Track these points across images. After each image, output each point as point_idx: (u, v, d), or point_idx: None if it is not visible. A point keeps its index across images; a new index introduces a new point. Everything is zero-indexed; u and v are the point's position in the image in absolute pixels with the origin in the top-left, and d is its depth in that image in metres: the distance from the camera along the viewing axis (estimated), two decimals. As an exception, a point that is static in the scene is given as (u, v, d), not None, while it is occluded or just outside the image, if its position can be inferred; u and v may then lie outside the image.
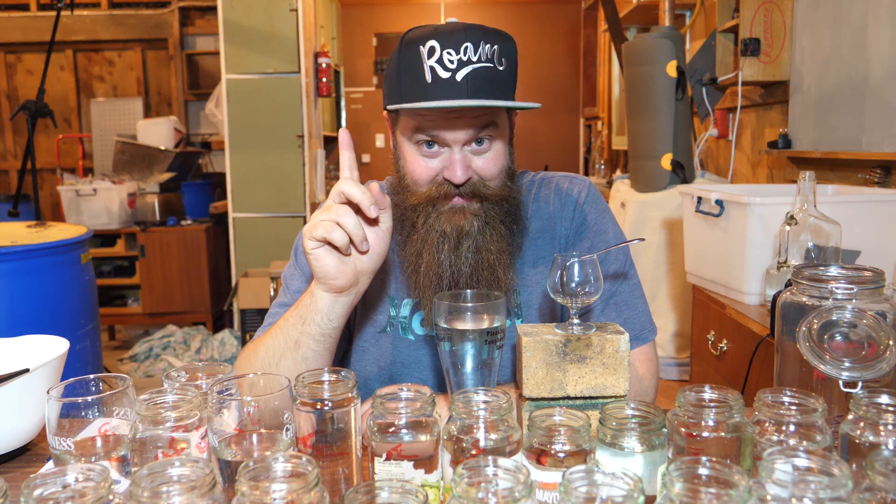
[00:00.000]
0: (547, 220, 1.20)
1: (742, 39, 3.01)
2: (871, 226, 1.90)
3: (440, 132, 1.05)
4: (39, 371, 0.96)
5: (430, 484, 0.75)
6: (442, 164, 1.07)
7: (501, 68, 1.04)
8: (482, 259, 1.08)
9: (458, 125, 1.04)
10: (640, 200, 3.45)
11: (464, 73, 1.00)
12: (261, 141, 4.19)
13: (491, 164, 1.08)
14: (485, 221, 1.08)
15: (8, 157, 6.37)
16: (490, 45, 1.02)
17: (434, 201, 1.08)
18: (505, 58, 1.04)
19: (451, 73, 1.00)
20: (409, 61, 1.02)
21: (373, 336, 1.19)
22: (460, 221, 1.07)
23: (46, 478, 0.61)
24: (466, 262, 1.07)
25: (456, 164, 1.05)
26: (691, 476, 0.59)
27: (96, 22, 6.10)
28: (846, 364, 0.83)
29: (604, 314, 1.15)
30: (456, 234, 1.07)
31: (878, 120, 2.34)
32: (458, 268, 1.08)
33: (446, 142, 1.05)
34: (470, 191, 1.07)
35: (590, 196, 1.20)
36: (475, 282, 1.08)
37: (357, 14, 6.69)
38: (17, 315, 2.26)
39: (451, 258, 1.07)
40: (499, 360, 0.93)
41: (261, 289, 4.01)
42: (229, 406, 0.76)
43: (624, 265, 1.18)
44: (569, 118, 6.88)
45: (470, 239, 1.07)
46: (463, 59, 1.00)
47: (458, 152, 1.05)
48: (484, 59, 1.01)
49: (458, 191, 1.06)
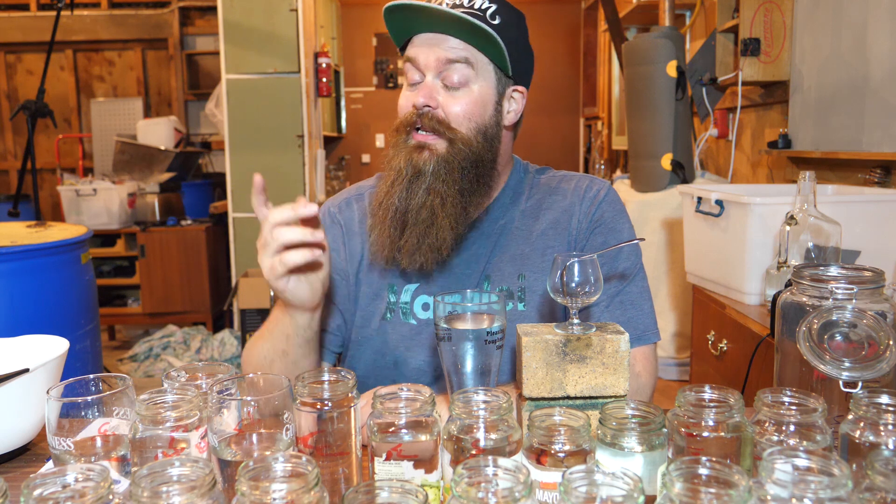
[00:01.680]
0: (562, 213, 1.21)
1: (742, 39, 3.01)
2: (871, 226, 1.90)
3: (416, 55, 1.10)
4: (39, 371, 0.96)
5: (430, 484, 0.75)
6: (415, 98, 1.10)
7: (494, 22, 1.08)
8: (429, 201, 1.09)
9: (431, 48, 1.09)
10: (640, 200, 3.45)
11: (451, 3, 1.07)
12: (261, 141, 4.19)
13: (458, 103, 1.10)
14: (442, 164, 1.09)
15: (8, 157, 6.37)
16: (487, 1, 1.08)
17: (403, 133, 1.12)
18: (502, 18, 1.09)
19: (440, 3, 1.07)
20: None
21: (375, 324, 1.20)
22: (417, 158, 1.10)
23: (46, 478, 0.61)
24: (414, 200, 1.10)
25: (421, 88, 1.09)
26: (691, 476, 0.59)
27: (96, 22, 6.11)
28: (846, 364, 0.83)
29: (608, 311, 1.15)
30: (411, 171, 1.10)
31: (878, 120, 2.34)
32: (406, 203, 1.10)
33: (419, 66, 1.10)
34: (431, 125, 1.09)
35: (609, 195, 1.22)
36: (416, 220, 1.10)
37: (357, 14, 6.69)
38: (17, 315, 2.26)
39: (403, 194, 1.10)
40: (499, 361, 0.93)
41: (261, 289, 4.01)
42: (229, 406, 0.76)
43: (636, 265, 1.18)
44: (569, 118, 6.88)
45: (423, 177, 1.09)
46: (456, 2, 1.08)
47: (431, 79, 1.10)
48: (476, 7, 1.08)
49: (420, 121, 1.10)
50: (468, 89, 1.10)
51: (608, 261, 1.16)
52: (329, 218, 1.25)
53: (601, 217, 1.19)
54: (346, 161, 6.69)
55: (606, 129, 5.89)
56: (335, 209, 1.26)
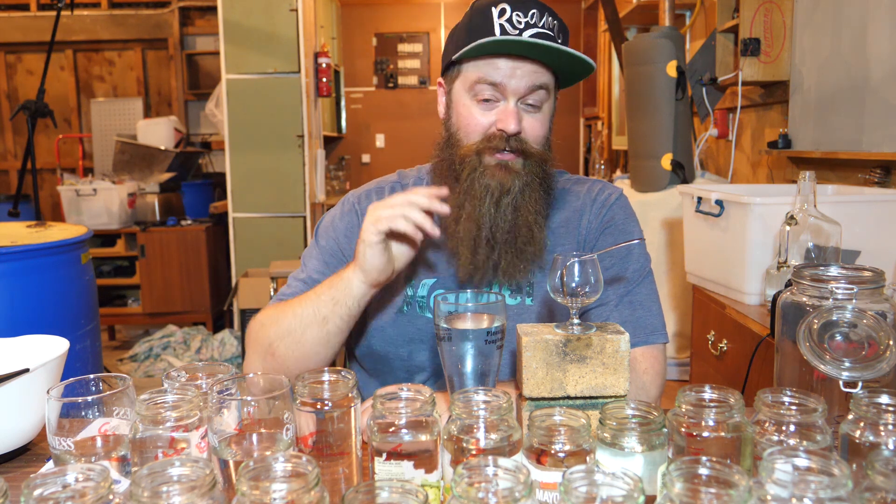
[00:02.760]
0: (573, 212, 1.23)
1: (742, 39, 3.01)
2: (871, 226, 1.90)
3: (503, 80, 1.11)
4: (39, 371, 0.96)
5: (430, 484, 0.75)
6: (496, 117, 1.12)
7: (559, 41, 1.12)
8: (520, 217, 1.13)
9: (519, 76, 1.10)
10: (640, 200, 3.45)
11: (530, 33, 1.09)
12: (261, 141, 4.19)
13: (538, 124, 1.14)
14: (525, 182, 1.13)
15: (8, 157, 6.37)
16: (552, 19, 1.12)
17: (482, 153, 1.13)
18: (563, 35, 1.14)
19: (518, 32, 1.09)
20: (480, 20, 1.11)
21: (390, 316, 1.23)
22: (504, 178, 1.12)
23: (46, 478, 0.61)
24: (505, 219, 1.13)
25: (511, 113, 1.11)
26: (691, 476, 0.59)
27: (96, 22, 6.10)
28: (846, 364, 0.83)
29: (617, 310, 1.16)
30: (499, 190, 1.12)
31: (878, 120, 2.34)
32: (496, 222, 1.13)
33: (506, 91, 1.11)
34: (517, 146, 1.12)
35: (621, 200, 1.25)
36: (513, 237, 1.13)
37: (357, 14, 6.68)
38: (17, 315, 2.26)
39: (492, 211, 1.13)
40: (499, 361, 0.93)
41: (261, 289, 4.01)
42: (229, 406, 0.76)
43: (644, 268, 1.20)
44: (569, 118, 6.87)
45: (510, 196, 1.13)
46: (530, 21, 1.09)
47: (514, 104, 1.12)
48: (547, 27, 1.11)
49: (507, 144, 1.12)
50: (543, 109, 1.15)
51: (618, 261, 1.18)
52: (349, 206, 1.29)
53: (612, 219, 1.22)
54: (346, 161, 6.69)
55: (606, 129, 5.89)
56: (355, 199, 1.30)
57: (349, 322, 1.12)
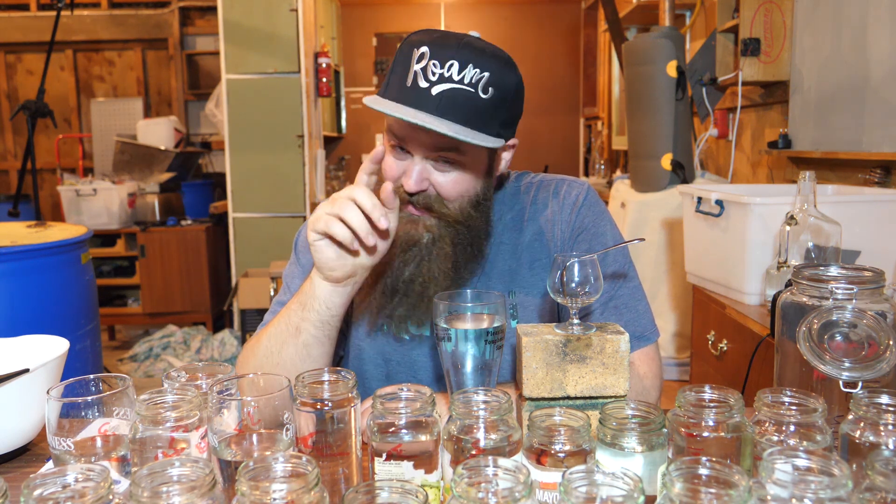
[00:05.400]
0: (545, 223, 1.19)
1: (742, 39, 3.01)
2: (871, 226, 1.90)
3: (404, 137, 1.05)
4: (39, 371, 0.96)
5: (430, 484, 0.75)
6: (403, 169, 1.07)
7: (485, 96, 1.01)
8: (420, 273, 1.08)
9: (422, 137, 1.03)
10: (640, 200, 3.45)
11: (439, 90, 0.99)
12: (261, 141, 4.19)
13: (450, 185, 1.07)
14: (434, 239, 1.08)
15: (8, 157, 6.37)
16: (479, 71, 0.99)
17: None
18: (494, 87, 1.01)
19: (428, 85, 0.99)
20: (401, 60, 1.03)
21: (368, 335, 1.20)
22: (412, 231, 1.08)
23: (46, 478, 0.61)
24: (406, 269, 1.08)
25: (411, 172, 1.05)
26: (691, 476, 0.59)
27: (96, 22, 6.10)
28: (846, 364, 0.83)
29: (603, 317, 1.15)
30: (405, 241, 1.08)
31: (878, 120, 2.34)
32: (400, 272, 1.09)
33: (408, 148, 1.06)
34: (423, 203, 1.07)
35: (587, 199, 1.19)
36: (410, 290, 1.09)
37: (357, 14, 6.68)
38: (17, 315, 2.26)
39: (396, 262, 1.08)
40: (499, 361, 0.93)
41: (261, 289, 4.01)
42: (229, 406, 0.76)
43: (623, 266, 1.17)
44: (569, 118, 6.87)
45: (418, 248, 1.08)
46: (445, 74, 0.99)
47: (419, 162, 1.05)
48: (466, 81, 0.99)
49: (410, 199, 1.06)
50: (460, 167, 1.06)
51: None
52: None
53: (582, 223, 1.17)
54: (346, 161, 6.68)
55: (606, 129, 5.89)
56: None
57: (325, 331, 1.06)
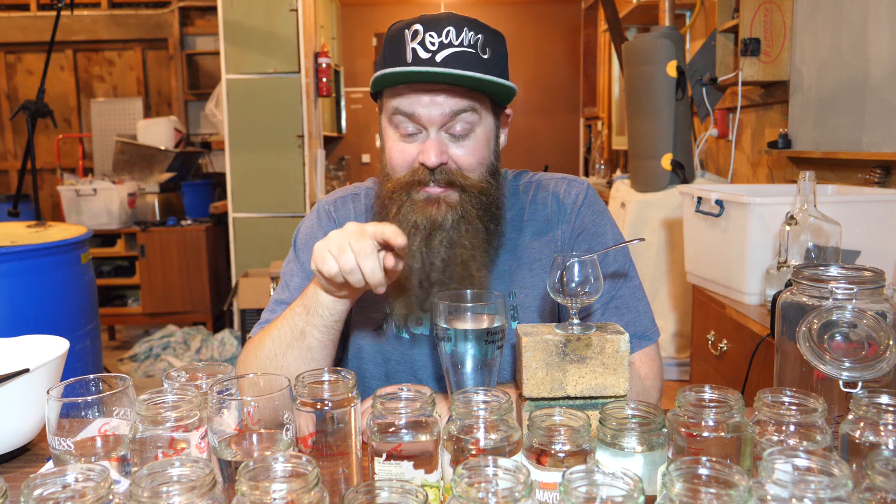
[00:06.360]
0: (544, 223, 1.18)
1: (742, 39, 3.01)
2: (871, 226, 1.90)
3: (416, 110, 1.03)
4: (39, 371, 0.96)
5: (430, 484, 0.75)
6: (418, 149, 1.05)
7: (486, 56, 1.02)
8: (455, 254, 1.04)
9: (435, 104, 1.02)
10: (640, 200, 3.45)
11: (444, 55, 1.00)
12: (261, 141, 4.19)
13: (469, 153, 1.05)
14: (460, 215, 1.05)
15: (8, 157, 6.36)
16: (475, 33, 1.02)
17: (409, 189, 1.05)
18: (490, 48, 1.03)
19: (431, 55, 1.00)
20: (394, 45, 1.03)
21: (369, 334, 1.19)
22: (434, 213, 1.04)
23: (46, 478, 0.61)
24: (438, 257, 1.04)
25: (431, 146, 1.03)
26: (691, 476, 0.59)
27: (96, 22, 6.10)
28: (846, 364, 0.83)
29: (604, 317, 1.14)
30: (428, 226, 1.04)
31: (878, 120, 2.34)
32: (429, 261, 1.05)
33: (422, 122, 1.03)
34: (445, 179, 1.04)
35: (587, 199, 1.19)
36: (447, 277, 1.05)
37: (357, 14, 6.68)
38: (17, 315, 2.26)
39: (423, 251, 1.05)
40: (499, 360, 0.93)
41: (261, 289, 4.01)
42: (229, 406, 0.76)
43: (623, 266, 1.17)
44: (569, 118, 6.87)
45: (443, 232, 1.04)
46: (444, 41, 1.00)
47: (435, 134, 1.04)
48: (466, 44, 1.01)
49: (432, 177, 1.04)
50: (474, 135, 1.06)
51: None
52: (324, 214, 1.22)
53: (582, 223, 1.17)
54: (346, 161, 6.69)
55: (606, 129, 5.89)
56: (330, 207, 1.23)
57: (328, 335, 1.04)
